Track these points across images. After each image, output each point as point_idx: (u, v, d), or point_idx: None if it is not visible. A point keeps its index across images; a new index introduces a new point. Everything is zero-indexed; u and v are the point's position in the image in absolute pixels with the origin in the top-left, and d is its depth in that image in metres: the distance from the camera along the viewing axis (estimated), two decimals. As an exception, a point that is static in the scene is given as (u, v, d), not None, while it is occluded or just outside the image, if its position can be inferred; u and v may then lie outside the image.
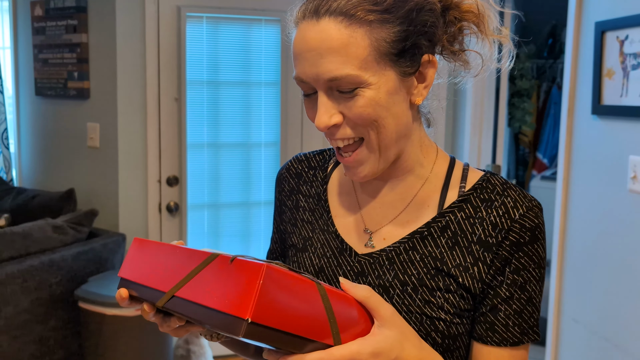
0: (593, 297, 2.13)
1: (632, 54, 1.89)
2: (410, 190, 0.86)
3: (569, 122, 2.25)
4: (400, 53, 0.76)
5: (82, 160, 3.08)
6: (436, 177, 0.86)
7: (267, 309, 0.57)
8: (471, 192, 0.83)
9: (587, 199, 2.16)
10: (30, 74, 3.25)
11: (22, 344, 2.35)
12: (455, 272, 0.80)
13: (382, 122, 0.77)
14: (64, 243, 2.55)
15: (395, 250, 0.83)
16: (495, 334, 0.80)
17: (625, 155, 1.94)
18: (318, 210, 0.92)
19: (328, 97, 0.77)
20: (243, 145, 3.10)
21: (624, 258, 1.96)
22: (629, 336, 1.95)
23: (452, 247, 0.81)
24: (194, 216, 3.08)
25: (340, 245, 0.87)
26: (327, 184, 0.93)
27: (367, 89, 0.75)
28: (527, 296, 0.80)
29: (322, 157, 0.97)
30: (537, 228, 0.79)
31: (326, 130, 0.78)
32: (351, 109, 0.76)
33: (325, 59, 0.74)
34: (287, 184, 0.98)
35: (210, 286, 0.61)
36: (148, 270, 0.72)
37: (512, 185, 0.83)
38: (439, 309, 0.79)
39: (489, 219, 0.81)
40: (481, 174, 0.86)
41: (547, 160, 4.33)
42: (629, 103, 1.91)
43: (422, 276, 0.81)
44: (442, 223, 0.82)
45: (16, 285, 2.30)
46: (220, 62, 3.00)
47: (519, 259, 0.79)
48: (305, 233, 0.92)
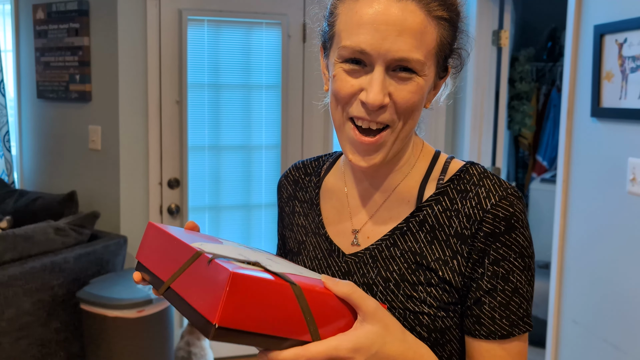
0: (593, 299, 2.14)
1: (631, 57, 1.90)
2: (390, 186, 0.87)
3: (569, 125, 2.26)
4: (448, 55, 0.81)
5: (83, 163, 3.09)
6: (417, 171, 0.87)
7: (235, 314, 0.59)
8: (448, 184, 0.83)
9: (587, 201, 2.17)
10: (32, 77, 3.27)
11: (24, 346, 2.36)
12: (435, 266, 0.80)
13: (414, 115, 0.79)
14: (65, 245, 2.56)
15: (378, 247, 0.84)
16: (482, 327, 0.79)
17: (625, 158, 1.96)
18: (311, 214, 0.94)
19: (385, 76, 0.76)
20: (244, 148, 3.11)
21: (623, 259, 1.97)
22: (629, 337, 1.95)
23: (430, 241, 0.81)
24: (195, 218, 3.08)
25: (329, 247, 0.89)
26: (319, 189, 0.95)
27: (421, 79, 0.77)
28: (512, 287, 0.78)
29: (317, 164, 0.99)
30: (512, 217, 0.78)
31: (375, 109, 0.76)
32: (401, 92, 0.76)
33: (402, 37, 0.74)
34: (285, 190, 1.00)
35: (193, 284, 0.64)
36: (155, 258, 0.75)
37: (489, 174, 0.82)
38: (421, 303, 0.79)
39: (463, 210, 0.80)
40: (461, 164, 0.85)
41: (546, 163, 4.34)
42: (628, 106, 1.92)
43: (403, 271, 0.81)
44: (420, 217, 0.83)
45: (18, 287, 2.31)
46: (221, 65, 3.01)
47: (497, 249, 0.78)
48: (300, 237, 0.95)
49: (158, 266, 0.73)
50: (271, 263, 0.71)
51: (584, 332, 2.18)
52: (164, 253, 0.73)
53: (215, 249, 0.69)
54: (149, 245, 0.78)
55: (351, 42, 0.76)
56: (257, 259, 0.69)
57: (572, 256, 2.26)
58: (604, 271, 2.07)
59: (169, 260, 0.71)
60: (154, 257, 0.75)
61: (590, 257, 2.15)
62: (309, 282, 0.68)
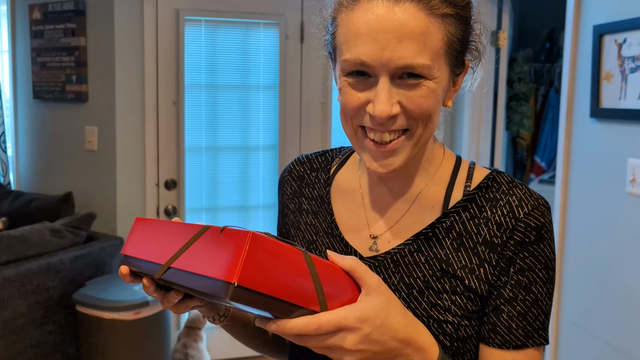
0: (592, 301, 2.13)
1: (631, 57, 1.89)
2: (414, 191, 0.84)
3: (568, 126, 2.25)
4: (461, 52, 0.77)
5: (80, 164, 3.07)
6: (441, 177, 0.84)
7: (253, 273, 0.60)
8: (476, 192, 0.81)
9: (586, 202, 2.16)
10: (28, 78, 3.25)
11: (20, 348, 2.34)
12: (462, 274, 0.78)
13: (433, 117, 0.76)
14: (61, 247, 2.54)
15: (400, 252, 0.81)
16: (497, 335, 0.78)
17: (624, 158, 1.95)
18: (321, 213, 0.90)
19: (390, 86, 0.73)
20: (241, 149, 3.10)
21: (623, 260, 1.96)
22: (628, 339, 1.94)
23: (457, 248, 0.79)
24: (192, 220, 3.07)
25: (345, 249, 0.86)
26: (330, 186, 0.91)
27: (432, 82, 0.73)
28: (533, 298, 0.78)
29: (324, 159, 0.95)
30: (543, 227, 0.77)
31: (384, 120, 0.73)
32: (412, 99, 0.73)
33: (403, 44, 0.70)
34: (290, 187, 0.96)
35: (202, 255, 0.64)
36: (147, 246, 0.74)
37: (518, 183, 0.81)
38: (446, 311, 0.77)
39: (493, 218, 0.79)
40: (487, 172, 0.84)
41: (544, 164, 4.34)
42: (627, 106, 1.91)
43: (427, 279, 0.79)
44: (447, 224, 0.81)
45: (13, 289, 2.29)
46: (218, 66, 3.00)
47: (524, 259, 0.77)
48: (309, 236, 0.91)
49: (152, 253, 0.73)
50: None
51: (584, 334, 2.17)
52: (159, 240, 0.73)
53: None
54: (138, 237, 0.77)
55: (351, 55, 0.73)
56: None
57: (572, 258, 2.25)
58: (604, 273, 2.06)
59: (166, 244, 0.71)
60: (146, 247, 0.74)
61: (589, 259, 2.14)
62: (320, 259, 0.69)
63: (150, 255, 0.73)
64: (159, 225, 0.74)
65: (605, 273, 2.06)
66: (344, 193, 0.90)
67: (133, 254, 0.76)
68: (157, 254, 0.72)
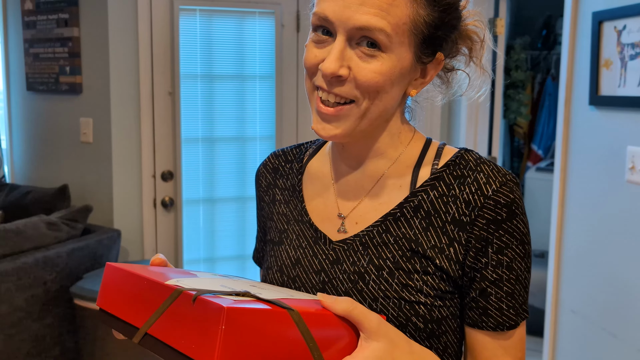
0: (591, 288, 2.13)
1: (630, 44, 1.88)
2: (378, 171, 0.84)
3: (566, 113, 2.24)
4: (429, 39, 0.77)
5: (75, 156, 3.05)
6: (408, 157, 0.84)
7: (234, 352, 0.54)
8: (444, 169, 0.81)
9: (585, 190, 2.16)
10: (21, 69, 3.21)
11: (18, 342, 2.33)
12: (432, 254, 0.77)
13: (381, 96, 0.76)
14: (58, 240, 2.53)
15: (369, 234, 0.81)
16: (489, 318, 0.78)
17: (623, 146, 1.94)
18: (293, 201, 0.91)
19: (345, 47, 0.74)
20: (238, 140, 3.08)
21: (622, 248, 1.96)
22: (627, 326, 1.95)
23: (426, 227, 0.79)
24: (189, 211, 3.05)
25: (314, 234, 0.85)
26: (302, 174, 0.92)
27: (386, 56, 0.74)
28: (515, 275, 0.77)
29: (298, 150, 0.96)
30: (513, 203, 0.76)
31: (329, 78, 0.74)
32: (362, 69, 0.74)
33: (364, 6, 0.72)
34: (264, 179, 0.96)
35: (177, 326, 0.58)
36: (122, 302, 0.68)
37: (486, 160, 0.80)
38: (417, 292, 0.76)
39: (462, 196, 0.78)
40: (455, 150, 0.83)
41: (542, 152, 4.34)
42: (627, 93, 1.90)
43: (397, 259, 0.78)
44: (415, 203, 0.80)
45: (10, 282, 2.28)
46: (214, 56, 2.97)
47: (500, 237, 0.76)
48: (281, 226, 0.91)
49: (127, 311, 0.66)
50: (260, 291, 0.66)
51: (583, 321, 2.18)
52: (133, 296, 0.66)
53: (195, 284, 0.64)
54: (111, 289, 0.70)
55: (318, 9, 0.75)
56: (243, 289, 0.65)
57: (570, 245, 2.25)
58: (603, 260, 2.06)
59: (140, 303, 0.64)
60: (121, 302, 0.67)
61: (588, 247, 2.14)
62: (305, 305, 0.64)
63: (125, 314, 0.67)
64: (131, 278, 0.67)
65: (604, 260, 2.06)
66: (314, 179, 0.90)
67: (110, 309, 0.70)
68: (132, 313, 0.65)
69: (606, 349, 2.05)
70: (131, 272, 0.67)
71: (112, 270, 0.71)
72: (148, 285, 0.64)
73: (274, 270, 0.88)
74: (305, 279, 0.84)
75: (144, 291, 0.64)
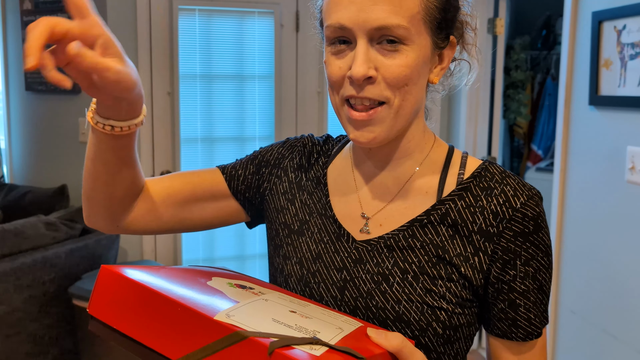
0: (590, 289, 2.12)
1: (630, 44, 1.88)
2: (405, 174, 0.84)
3: (566, 113, 2.24)
4: (442, 23, 0.78)
5: (74, 156, 3.04)
6: (433, 163, 0.85)
7: None
8: (471, 180, 0.82)
9: (585, 190, 2.15)
10: (19, 69, 3.21)
11: (16, 342, 2.32)
12: (457, 262, 0.78)
13: (410, 89, 0.76)
14: (56, 240, 2.52)
15: (395, 237, 0.81)
16: (519, 329, 0.80)
17: (623, 146, 1.93)
18: (316, 193, 0.90)
19: (368, 48, 0.74)
20: (237, 140, 3.07)
21: (622, 249, 1.95)
22: (627, 327, 1.94)
23: (452, 235, 0.79)
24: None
25: (337, 231, 0.85)
26: (327, 169, 0.92)
27: (409, 48, 0.74)
28: (538, 285, 0.79)
29: (327, 146, 0.96)
30: (539, 217, 0.78)
31: (360, 82, 0.74)
32: (389, 67, 0.74)
33: (378, 5, 0.72)
34: (299, 158, 0.94)
35: None
36: (133, 318, 0.59)
37: (510, 174, 0.82)
38: (440, 298, 0.77)
39: (489, 207, 0.79)
40: (480, 162, 0.85)
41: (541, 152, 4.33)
42: (626, 93, 1.89)
43: (423, 264, 0.79)
44: (442, 211, 0.81)
45: (9, 283, 2.27)
46: (213, 56, 2.97)
47: (527, 249, 0.78)
48: (302, 216, 0.90)
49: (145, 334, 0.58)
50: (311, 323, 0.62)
51: (582, 322, 2.17)
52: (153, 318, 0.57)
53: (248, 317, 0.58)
54: (113, 299, 0.61)
55: (331, 21, 0.75)
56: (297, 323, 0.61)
57: (570, 246, 2.24)
58: (602, 261, 2.06)
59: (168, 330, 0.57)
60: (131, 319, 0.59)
61: (588, 247, 2.14)
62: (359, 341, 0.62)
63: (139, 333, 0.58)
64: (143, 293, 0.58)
65: (603, 261, 2.05)
66: (338, 175, 0.90)
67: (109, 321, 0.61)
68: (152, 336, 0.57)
69: (606, 349, 2.04)
70: (150, 290, 0.59)
71: (112, 276, 0.63)
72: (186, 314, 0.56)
73: (293, 262, 0.87)
74: (325, 274, 0.83)
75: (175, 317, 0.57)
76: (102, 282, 0.63)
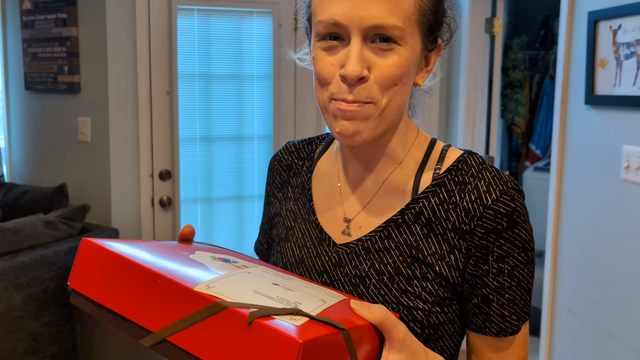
0: (587, 287, 2.13)
1: (625, 44, 1.89)
2: (384, 174, 0.83)
3: (563, 113, 2.25)
4: (433, 25, 0.77)
5: (73, 155, 3.06)
6: (412, 160, 0.83)
7: None
8: (446, 175, 0.80)
9: (581, 189, 2.16)
10: (19, 69, 3.22)
11: (15, 340, 2.33)
12: (432, 260, 0.77)
13: (399, 89, 0.75)
14: (56, 239, 2.53)
15: (371, 239, 0.81)
16: (492, 324, 0.78)
17: (619, 145, 1.95)
18: (301, 199, 0.91)
19: (362, 47, 0.72)
20: (236, 139, 3.09)
21: (618, 247, 1.97)
22: (623, 325, 1.95)
23: (427, 234, 0.78)
24: (187, 210, 3.06)
25: (319, 235, 0.85)
26: (312, 173, 0.92)
27: (402, 48, 0.73)
28: (516, 282, 0.78)
29: (310, 148, 0.95)
30: (514, 212, 0.75)
31: (354, 82, 0.72)
32: (381, 66, 0.73)
33: (374, 3, 0.71)
34: (279, 176, 0.96)
35: (221, 344, 0.53)
36: (114, 291, 0.59)
37: (488, 166, 0.79)
38: (416, 298, 0.77)
39: (462, 204, 0.77)
40: (459, 153, 0.82)
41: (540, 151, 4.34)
42: (622, 93, 1.91)
43: (397, 265, 0.78)
44: (416, 210, 0.80)
45: (8, 281, 2.28)
46: (212, 55, 2.98)
47: (501, 246, 0.76)
48: (289, 223, 0.91)
49: (129, 307, 0.58)
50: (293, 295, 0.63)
51: (579, 320, 2.18)
52: (134, 290, 0.57)
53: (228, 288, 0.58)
54: (95, 272, 0.60)
55: (324, 16, 0.73)
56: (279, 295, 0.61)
57: (567, 245, 2.25)
58: (599, 259, 2.07)
59: (152, 302, 0.56)
60: (113, 292, 0.58)
61: (584, 246, 2.15)
62: (342, 313, 0.63)
63: (126, 310, 0.58)
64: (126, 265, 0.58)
65: (600, 260, 2.06)
66: (322, 179, 0.90)
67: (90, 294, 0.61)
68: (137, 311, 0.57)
69: (602, 347, 2.05)
70: (132, 262, 0.59)
71: (93, 249, 0.62)
72: (166, 286, 0.56)
73: (279, 267, 0.89)
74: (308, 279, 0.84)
75: (156, 289, 0.57)
76: (82, 255, 0.63)
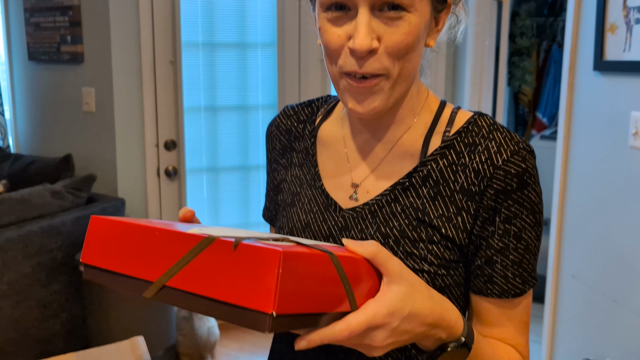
0: (592, 254, 2.14)
1: (636, 8, 1.85)
2: (393, 138, 0.82)
3: (570, 79, 2.22)
4: None
5: (78, 126, 3.05)
6: (422, 123, 0.82)
7: (290, 298, 0.53)
8: (455, 137, 0.79)
9: (588, 156, 2.15)
10: (22, 39, 3.20)
11: (26, 308, 2.37)
12: (438, 223, 0.77)
13: (410, 57, 0.73)
14: (62, 208, 2.55)
15: (378, 203, 0.80)
16: (494, 285, 0.78)
17: (627, 111, 1.93)
18: (306, 164, 0.90)
19: (371, 18, 0.70)
20: (240, 109, 3.07)
21: (624, 214, 1.96)
22: (627, 291, 1.96)
23: (434, 197, 0.78)
24: (193, 180, 3.07)
25: (326, 200, 0.85)
26: (315, 137, 0.90)
27: (412, 15, 0.71)
28: (524, 245, 0.76)
29: (310, 110, 0.94)
30: (525, 173, 0.75)
31: (364, 55, 0.71)
32: (392, 35, 0.71)
33: None
34: (279, 142, 0.95)
35: (213, 275, 0.55)
36: (121, 256, 0.62)
37: (499, 127, 0.78)
38: (422, 260, 0.76)
39: (471, 165, 0.76)
40: (469, 115, 0.81)
41: (546, 120, 4.31)
42: (632, 58, 1.88)
43: (403, 228, 0.78)
44: (424, 172, 0.79)
45: (17, 250, 2.31)
46: (215, 24, 2.95)
47: (509, 207, 0.75)
48: (294, 188, 0.90)
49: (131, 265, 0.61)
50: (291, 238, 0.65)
51: (583, 286, 2.19)
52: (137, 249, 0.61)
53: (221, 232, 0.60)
54: (103, 242, 0.64)
55: None
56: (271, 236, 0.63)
57: (572, 211, 2.25)
58: (604, 226, 2.07)
59: (150, 255, 0.59)
60: (119, 256, 0.62)
61: (590, 212, 2.14)
62: (336, 249, 0.64)
63: (128, 268, 0.61)
64: (131, 230, 0.62)
65: (605, 226, 2.06)
66: (328, 144, 0.89)
67: (100, 265, 0.64)
68: (138, 267, 0.60)
69: (606, 313, 2.07)
70: (135, 224, 0.62)
71: (101, 223, 0.65)
72: (162, 236, 0.59)
73: (284, 232, 0.89)
74: None
75: (155, 243, 0.60)
76: (92, 230, 0.66)
